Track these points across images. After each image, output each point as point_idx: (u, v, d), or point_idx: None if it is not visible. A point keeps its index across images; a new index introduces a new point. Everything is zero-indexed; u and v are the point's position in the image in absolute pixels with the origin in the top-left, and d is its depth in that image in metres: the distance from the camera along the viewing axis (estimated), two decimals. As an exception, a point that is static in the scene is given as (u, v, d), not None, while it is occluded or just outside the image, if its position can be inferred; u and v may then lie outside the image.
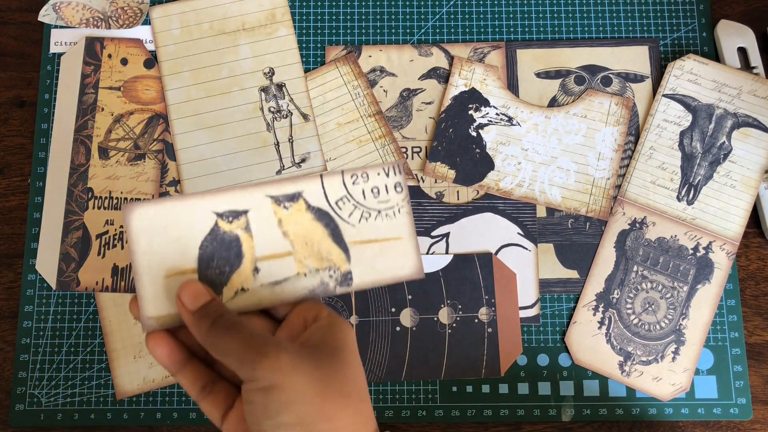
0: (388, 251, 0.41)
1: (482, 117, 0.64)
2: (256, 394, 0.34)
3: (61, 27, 0.66)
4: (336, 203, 0.42)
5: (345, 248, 0.41)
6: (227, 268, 0.41)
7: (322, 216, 0.42)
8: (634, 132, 0.64)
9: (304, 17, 0.67)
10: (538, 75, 0.65)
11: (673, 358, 0.59)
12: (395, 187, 0.42)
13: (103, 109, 0.64)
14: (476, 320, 0.60)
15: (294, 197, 0.42)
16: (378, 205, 0.42)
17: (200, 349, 0.39)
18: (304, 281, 0.41)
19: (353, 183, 0.42)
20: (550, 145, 0.63)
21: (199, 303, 0.36)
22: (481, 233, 0.62)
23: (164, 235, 0.41)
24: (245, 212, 0.42)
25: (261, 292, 0.40)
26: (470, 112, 0.64)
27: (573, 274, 0.62)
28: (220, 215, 0.41)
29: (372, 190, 0.42)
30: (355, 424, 0.34)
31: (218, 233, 0.41)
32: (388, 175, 0.42)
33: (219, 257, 0.41)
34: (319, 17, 0.67)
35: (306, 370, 0.34)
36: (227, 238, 0.41)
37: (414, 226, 0.42)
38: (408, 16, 0.67)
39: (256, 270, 0.41)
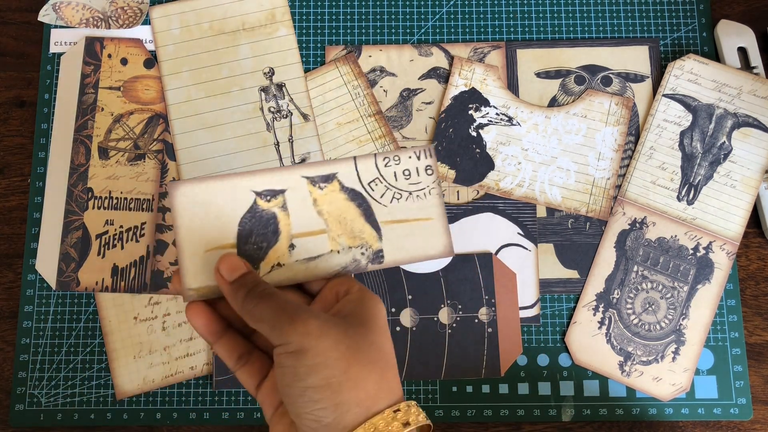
0: (418, 231, 0.43)
1: (482, 117, 0.64)
2: (287, 358, 0.35)
3: (61, 27, 0.66)
4: (369, 184, 0.44)
5: (377, 227, 0.43)
6: (264, 244, 0.43)
7: (356, 196, 0.44)
8: (634, 132, 0.64)
9: (304, 17, 0.67)
10: (538, 75, 0.65)
11: (673, 358, 0.59)
12: (426, 169, 0.44)
13: (103, 109, 0.64)
14: (476, 320, 0.60)
15: (329, 178, 0.44)
16: (409, 186, 0.44)
17: (237, 321, 0.41)
18: (337, 258, 0.43)
19: (386, 165, 0.44)
20: (550, 145, 0.63)
21: (236, 274, 0.39)
22: (481, 233, 0.62)
23: (206, 212, 0.43)
24: (282, 191, 0.44)
25: (296, 267, 0.42)
26: (470, 112, 0.64)
27: (573, 274, 0.62)
28: (258, 194, 0.43)
29: (404, 172, 0.44)
30: (379, 390, 0.36)
31: (257, 211, 0.43)
32: (419, 158, 0.43)
33: (257, 233, 0.43)
34: (319, 17, 0.67)
35: (334, 335, 0.35)
36: (265, 215, 0.43)
37: (444, 207, 0.43)
38: (408, 16, 0.67)
39: (291, 246, 0.44)
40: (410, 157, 0.44)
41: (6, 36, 0.67)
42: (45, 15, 0.66)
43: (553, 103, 0.64)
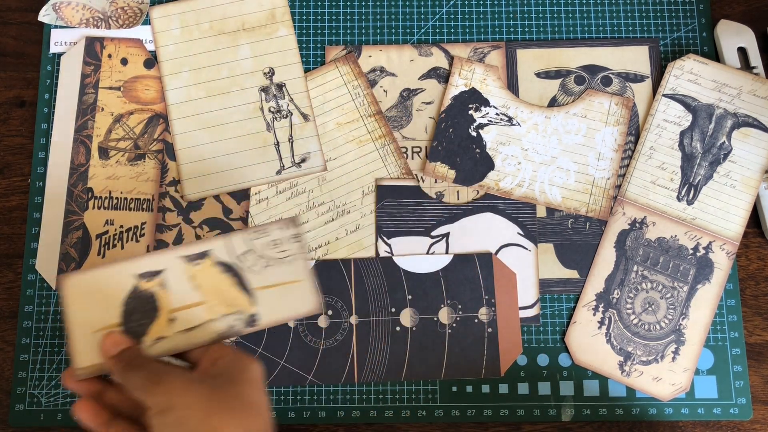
0: (289, 292, 0.48)
1: (482, 117, 0.64)
2: (155, 419, 0.39)
3: (61, 27, 0.66)
4: (240, 256, 0.49)
5: (250, 294, 0.47)
6: (146, 321, 0.48)
7: (229, 269, 0.49)
8: (634, 132, 0.64)
9: (304, 17, 0.67)
10: (538, 75, 0.65)
11: (673, 358, 0.59)
12: (292, 238, 0.48)
13: (103, 109, 0.64)
14: (476, 320, 0.60)
15: (203, 255, 0.49)
16: (278, 254, 0.49)
17: (126, 407, 0.45)
18: (214, 326, 0.48)
19: (255, 239, 0.49)
20: (550, 145, 0.63)
21: (116, 350, 0.43)
22: (481, 233, 0.62)
23: (93, 297, 0.48)
24: (161, 272, 0.49)
25: (176, 338, 0.47)
26: (470, 112, 0.64)
27: (573, 274, 0.62)
28: (140, 276, 0.49)
29: (273, 242, 0.49)
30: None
31: (138, 291, 0.49)
32: (287, 228, 0.49)
33: (139, 311, 0.48)
34: (319, 17, 0.67)
35: (197, 391, 0.39)
36: (145, 294, 0.49)
37: (310, 269, 0.49)
38: (408, 16, 0.67)
39: (171, 320, 0.49)
40: (279, 229, 0.49)
41: (6, 36, 0.67)
42: (45, 15, 0.66)
43: (553, 103, 0.64)
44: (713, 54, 0.66)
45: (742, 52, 0.65)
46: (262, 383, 0.43)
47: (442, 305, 0.61)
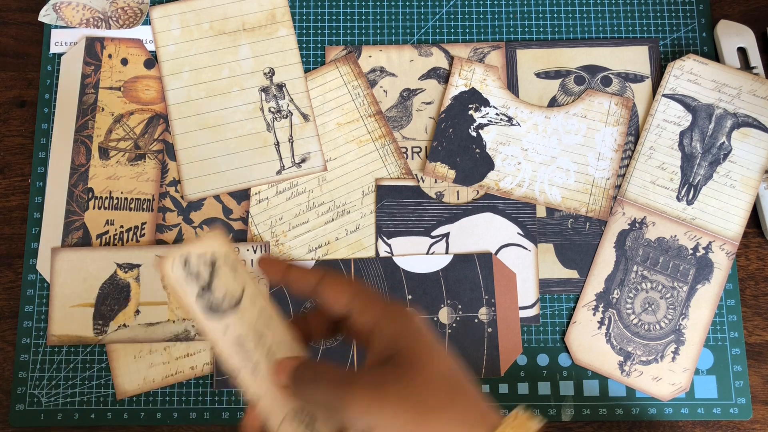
0: None
1: (482, 117, 0.64)
2: None
3: (61, 27, 0.66)
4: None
5: None
6: (116, 307, 0.55)
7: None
8: (634, 132, 0.64)
9: (304, 17, 0.67)
10: (538, 75, 0.65)
11: (673, 358, 0.59)
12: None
13: (103, 109, 0.64)
14: (476, 320, 0.60)
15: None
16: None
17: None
18: (172, 327, 0.53)
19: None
20: (550, 145, 0.63)
21: (287, 377, 0.37)
22: (481, 233, 0.62)
23: (76, 275, 0.57)
24: (138, 266, 0.57)
25: (137, 330, 0.53)
26: (470, 112, 0.64)
27: (573, 274, 0.62)
28: (119, 265, 0.57)
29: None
30: (460, 426, 0.33)
31: (115, 279, 0.56)
32: (255, 251, 0.52)
33: (112, 297, 0.55)
34: (319, 17, 0.67)
35: (392, 401, 0.33)
36: (121, 283, 0.56)
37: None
38: (408, 16, 0.67)
39: (137, 312, 0.55)
40: (248, 250, 0.55)
41: (6, 36, 0.67)
42: (45, 15, 0.66)
43: (553, 103, 0.64)
44: (713, 54, 0.66)
45: (742, 52, 0.65)
46: (432, 338, 0.36)
47: (442, 305, 0.61)
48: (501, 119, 0.64)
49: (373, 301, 0.37)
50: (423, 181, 0.63)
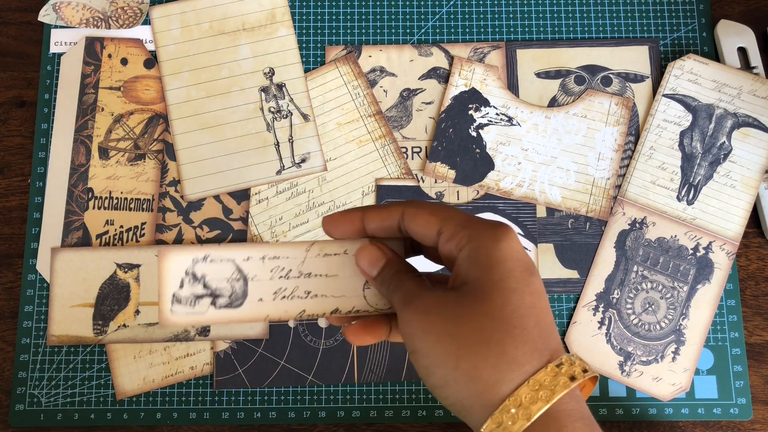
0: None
1: (482, 117, 0.64)
2: (411, 357, 0.33)
3: (61, 27, 0.66)
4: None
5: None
6: (116, 307, 0.55)
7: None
8: (634, 132, 0.64)
9: (304, 17, 0.67)
10: (538, 75, 0.65)
11: (673, 358, 0.59)
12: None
13: (103, 109, 0.64)
14: (476, 320, 0.60)
15: None
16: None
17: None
18: (171, 327, 0.51)
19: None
20: (550, 145, 0.63)
21: (375, 270, 0.36)
22: (481, 233, 0.62)
23: (76, 275, 0.57)
24: (138, 266, 0.57)
25: (137, 330, 0.53)
26: (470, 112, 0.64)
27: (573, 274, 0.62)
28: (119, 266, 0.57)
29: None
30: (500, 373, 0.30)
31: (115, 279, 0.56)
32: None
33: (111, 298, 0.55)
34: (319, 17, 0.67)
35: (438, 328, 0.32)
36: (121, 284, 0.56)
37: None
38: (408, 16, 0.67)
39: (137, 312, 0.55)
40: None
41: (6, 36, 0.67)
42: (45, 15, 0.66)
43: (553, 103, 0.64)
44: (713, 54, 0.66)
45: (742, 52, 0.65)
46: (518, 261, 0.32)
47: (442, 305, 0.61)
48: (501, 119, 0.64)
49: (459, 227, 0.34)
50: (423, 181, 0.63)
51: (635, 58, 0.65)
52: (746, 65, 0.64)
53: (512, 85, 0.65)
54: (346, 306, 0.37)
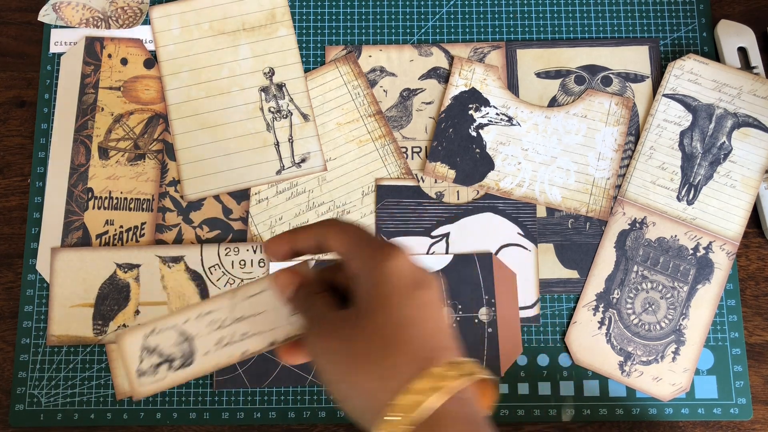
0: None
1: (482, 117, 0.64)
2: (316, 375, 0.37)
3: (61, 27, 0.66)
4: (209, 268, 0.55)
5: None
6: (116, 307, 0.56)
7: (196, 277, 0.55)
8: (634, 132, 0.64)
9: (304, 17, 0.67)
10: (538, 75, 0.65)
11: (673, 358, 0.59)
12: (259, 262, 0.53)
13: (103, 109, 0.64)
14: (476, 320, 0.60)
15: (177, 259, 0.56)
16: (243, 274, 0.54)
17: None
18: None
19: (226, 254, 0.54)
20: (550, 145, 0.63)
21: (289, 291, 0.39)
22: (481, 233, 0.62)
23: (76, 276, 0.57)
24: (138, 266, 0.57)
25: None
26: (470, 112, 0.64)
27: (573, 274, 0.62)
28: (119, 266, 0.57)
29: (240, 262, 0.53)
30: (382, 383, 0.33)
31: (115, 279, 0.56)
32: (255, 251, 0.53)
33: (111, 298, 0.56)
34: (319, 17, 0.67)
35: (333, 349, 0.34)
36: (121, 284, 0.57)
37: None
38: (408, 16, 0.67)
39: (137, 312, 0.55)
40: (247, 250, 0.54)
41: (6, 36, 0.67)
42: (45, 15, 0.66)
43: (553, 103, 0.64)
44: (713, 54, 0.66)
45: (742, 52, 0.65)
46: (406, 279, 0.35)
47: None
48: (501, 119, 0.64)
49: (359, 249, 0.37)
50: (423, 181, 0.63)
51: (635, 58, 0.65)
52: (746, 65, 0.64)
53: (512, 85, 0.65)
54: (281, 335, 0.40)
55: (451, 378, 0.32)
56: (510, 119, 0.64)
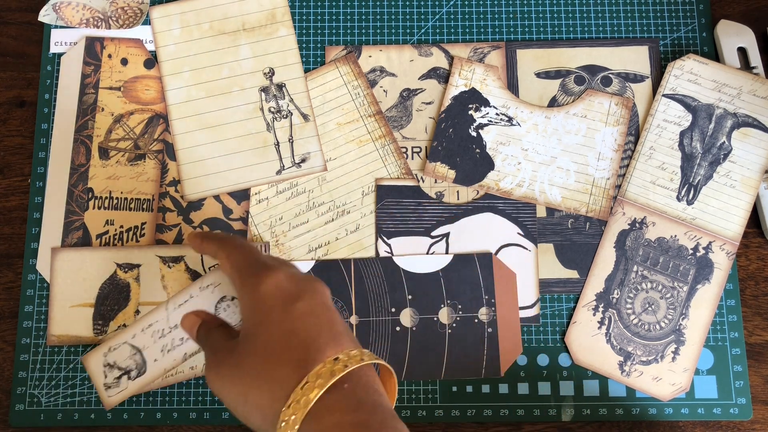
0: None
1: (482, 117, 0.64)
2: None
3: (61, 27, 0.66)
4: (209, 269, 0.56)
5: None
6: (116, 307, 0.56)
7: (197, 277, 0.55)
8: (634, 132, 0.64)
9: (304, 17, 0.67)
10: (538, 75, 0.65)
11: (673, 358, 0.59)
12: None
13: (103, 109, 0.64)
14: (476, 320, 0.60)
15: (177, 259, 0.57)
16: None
17: None
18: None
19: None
20: (550, 145, 0.63)
21: (193, 331, 0.45)
22: (481, 233, 0.62)
23: (76, 276, 0.57)
24: (138, 266, 0.57)
25: (135, 330, 0.54)
26: (470, 112, 0.64)
27: (573, 274, 0.62)
28: (119, 265, 0.57)
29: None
30: (249, 406, 0.37)
31: (115, 279, 0.57)
32: None
33: (111, 298, 0.56)
34: (319, 17, 0.67)
35: (225, 379, 0.38)
36: (121, 284, 0.57)
37: None
38: (408, 16, 0.67)
39: (137, 312, 0.56)
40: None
41: (6, 36, 0.67)
42: (45, 15, 0.66)
43: (553, 103, 0.64)
44: (713, 54, 0.66)
45: (742, 52, 0.65)
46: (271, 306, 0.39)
47: (442, 305, 0.61)
48: (501, 119, 0.64)
49: (242, 272, 0.41)
50: (423, 181, 0.63)
51: (635, 58, 0.65)
52: (746, 65, 0.64)
53: (512, 85, 0.65)
54: None
55: (338, 372, 0.35)
56: (510, 119, 0.64)
